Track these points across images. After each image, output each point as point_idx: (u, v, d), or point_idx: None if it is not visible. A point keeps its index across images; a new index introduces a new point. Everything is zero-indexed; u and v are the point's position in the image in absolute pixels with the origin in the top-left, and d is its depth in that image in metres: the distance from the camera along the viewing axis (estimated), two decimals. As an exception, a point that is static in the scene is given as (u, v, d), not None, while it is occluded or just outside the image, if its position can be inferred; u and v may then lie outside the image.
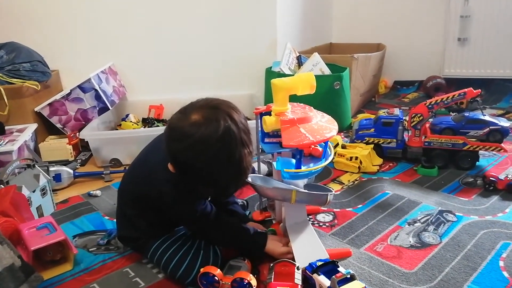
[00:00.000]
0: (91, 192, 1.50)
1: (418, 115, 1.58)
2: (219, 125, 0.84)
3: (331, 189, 1.11)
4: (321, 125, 0.98)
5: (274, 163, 1.09)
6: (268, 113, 1.03)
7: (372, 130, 1.67)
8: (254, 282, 0.89)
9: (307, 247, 1.01)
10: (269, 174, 1.48)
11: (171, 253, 1.01)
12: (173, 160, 0.90)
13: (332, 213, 1.29)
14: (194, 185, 0.93)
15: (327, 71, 2.05)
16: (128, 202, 1.07)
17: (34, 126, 1.79)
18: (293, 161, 0.99)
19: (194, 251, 1.00)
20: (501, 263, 1.01)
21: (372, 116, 1.85)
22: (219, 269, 0.93)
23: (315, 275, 0.90)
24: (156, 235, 1.05)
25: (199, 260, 0.98)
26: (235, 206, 1.21)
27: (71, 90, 1.83)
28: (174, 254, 1.00)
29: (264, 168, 1.51)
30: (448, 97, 1.54)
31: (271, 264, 0.98)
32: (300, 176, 0.99)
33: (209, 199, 1.07)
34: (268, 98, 2.09)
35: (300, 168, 0.96)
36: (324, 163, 1.01)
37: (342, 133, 1.99)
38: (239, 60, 2.24)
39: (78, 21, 2.11)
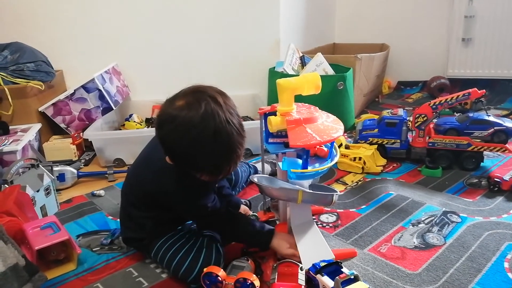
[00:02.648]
0: (95, 192, 1.50)
1: (422, 116, 1.58)
2: (200, 106, 0.85)
3: (335, 189, 1.11)
4: (327, 125, 0.97)
5: (279, 163, 1.09)
6: (273, 113, 1.03)
7: (376, 130, 1.66)
8: (257, 282, 0.89)
9: (313, 247, 1.01)
10: (273, 174, 1.48)
11: (174, 251, 1.01)
12: (164, 147, 0.91)
13: (336, 213, 1.29)
14: (189, 173, 0.93)
15: (330, 71, 2.05)
16: (134, 203, 1.07)
17: (38, 126, 1.79)
18: (299, 161, 0.99)
19: (197, 249, 1.00)
20: (506, 265, 1.01)
21: (376, 117, 1.85)
22: (222, 269, 0.93)
23: (318, 276, 0.89)
24: (161, 233, 1.05)
25: (201, 258, 0.98)
26: (226, 190, 1.23)
27: (75, 90, 1.83)
28: (177, 252, 1.00)
29: (267, 168, 1.51)
30: (452, 97, 1.54)
31: (275, 265, 0.98)
32: (307, 176, 0.99)
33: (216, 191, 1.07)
34: (271, 98, 2.09)
35: (307, 168, 0.96)
36: (331, 163, 1.00)
37: (345, 134, 1.99)
38: (242, 60, 2.25)
39: (82, 21, 2.11)
